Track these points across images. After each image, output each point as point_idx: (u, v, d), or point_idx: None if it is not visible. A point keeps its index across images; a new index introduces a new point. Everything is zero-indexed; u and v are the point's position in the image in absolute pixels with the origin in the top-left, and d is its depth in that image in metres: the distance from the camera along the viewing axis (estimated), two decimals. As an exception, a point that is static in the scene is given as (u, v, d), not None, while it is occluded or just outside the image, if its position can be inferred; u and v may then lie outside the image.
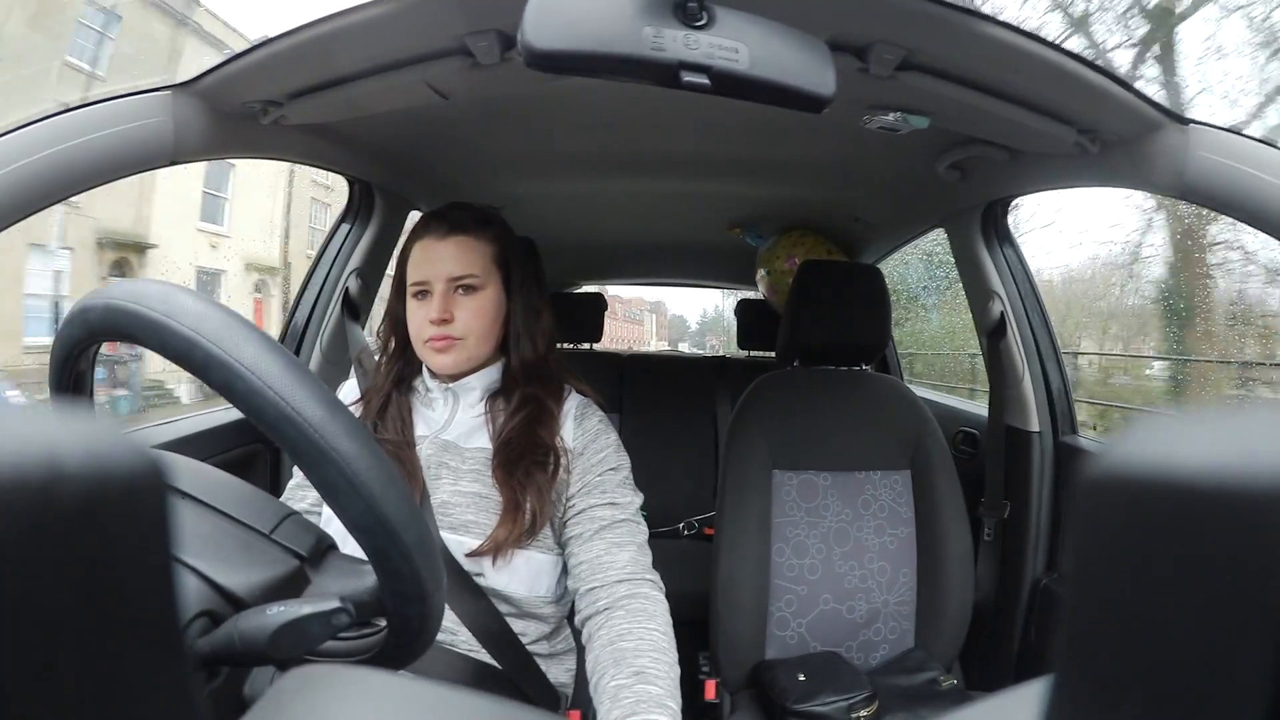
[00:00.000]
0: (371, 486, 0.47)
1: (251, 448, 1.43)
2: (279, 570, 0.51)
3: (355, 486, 0.46)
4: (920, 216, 1.81)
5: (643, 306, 48.36)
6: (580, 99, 1.21)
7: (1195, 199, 0.94)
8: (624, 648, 0.89)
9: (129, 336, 0.47)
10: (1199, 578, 0.13)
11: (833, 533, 1.42)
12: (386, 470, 0.48)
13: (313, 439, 0.46)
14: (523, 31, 0.63)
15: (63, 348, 0.52)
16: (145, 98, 0.89)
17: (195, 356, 0.45)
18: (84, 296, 0.49)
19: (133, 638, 0.17)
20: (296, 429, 0.46)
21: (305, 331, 1.57)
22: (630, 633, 0.91)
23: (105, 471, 0.16)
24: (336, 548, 0.58)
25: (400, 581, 0.50)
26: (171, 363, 0.46)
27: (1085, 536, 0.16)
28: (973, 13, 0.79)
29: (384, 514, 0.47)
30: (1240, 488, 0.13)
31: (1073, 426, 1.56)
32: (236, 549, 0.51)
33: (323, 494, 0.48)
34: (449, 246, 1.03)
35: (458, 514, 0.99)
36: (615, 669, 0.87)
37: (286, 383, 0.46)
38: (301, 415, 0.46)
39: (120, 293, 0.47)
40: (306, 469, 0.47)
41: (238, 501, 0.54)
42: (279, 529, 0.54)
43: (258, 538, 0.53)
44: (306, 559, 0.54)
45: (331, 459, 0.46)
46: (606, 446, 1.06)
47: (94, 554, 0.16)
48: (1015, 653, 1.51)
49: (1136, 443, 0.15)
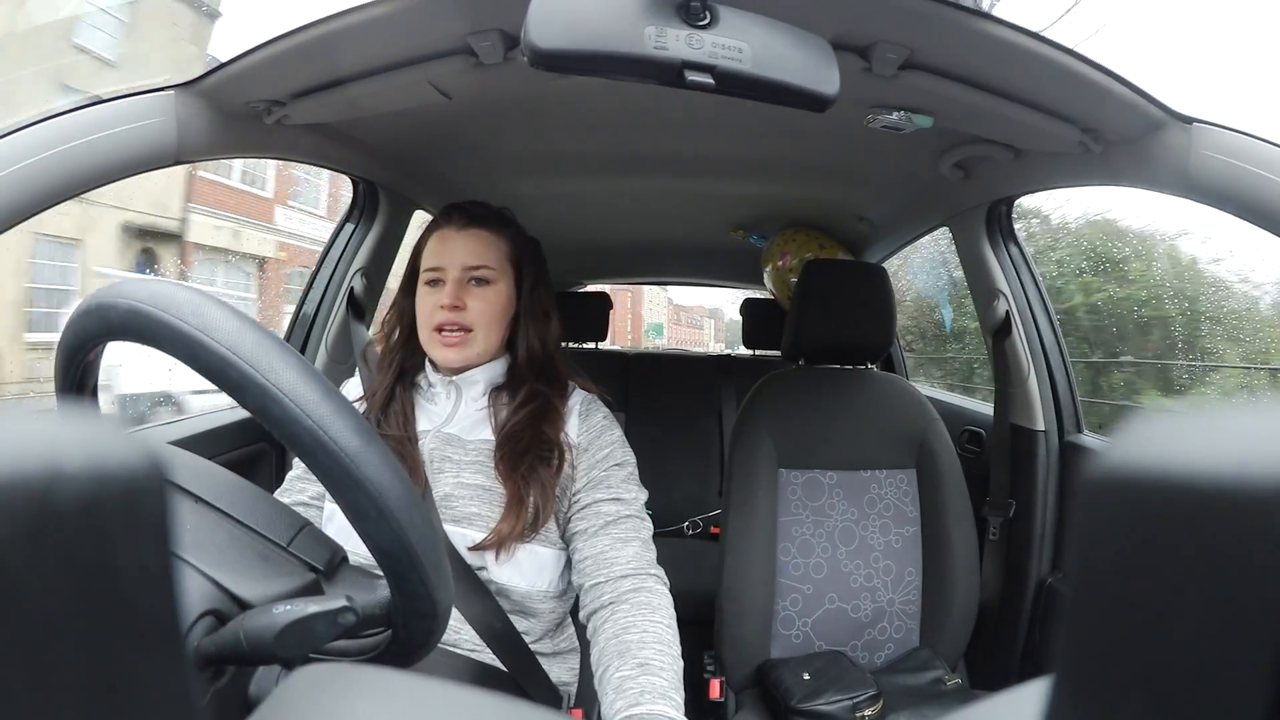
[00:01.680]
0: (400, 515, 0.48)
1: (257, 447, 1.44)
2: (295, 583, 0.52)
3: (384, 514, 0.47)
4: (924, 216, 1.80)
5: (702, 313, 50.37)
6: (583, 99, 1.21)
7: (1199, 198, 0.93)
8: (628, 640, 0.89)
9: (153, 342, 0.47)
10: (1201, 577, 0.13)
11: (838, 532, 1.42)
12: (414, 499, 0.49)
13: (347, 467, 0.46)
14: (526, 31, 0.63)
15: (75, 338, 0.51)
16: (148, 97, 0.90)
17: (230, 376, 0.45)
18: (99, 291, 0.48)
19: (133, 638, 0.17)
20: (331, 457, 0.46)
21: (310, 331, 1.58)
22: (634, 625, 0.91)
23: (105, 471, 0.16)
24: (349, 561, 0.59)
25: (415, 601, 0.51)
26: (199, 374, 0.46)
27: (1087, 535, 0.16)
28: (976, 12, 0.79)
29: (409, 542, 0.48)
30: (1242, 487, 0.13)
31: (1078, 425, 1.56)
32: (253, 560, 0.51)
33: (351, 517, 0.48)
34: (466, 238, 1.04)
35: (461, 506, 0.99)
36: (620, 661, 0.87)
37: (324, 411, 0.46)
38: (338, 444, 0.46)
39: (145, 295, 0.46)
40: (336, 494, 0.48)
41: (255, 511, 0.54)
42: (295, 541, 0.54)
43: (274, 549, 0.53)
44: (322, 572, 0.55)
45: (365, 488, 0.47)
46: (611, 442, 1.06)
47: (94, 554, 0.16)
48: (1020, 652, 1.51)
49: (1138, 442, 0.15)
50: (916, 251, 3.78)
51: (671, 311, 51.16)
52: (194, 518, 0.52)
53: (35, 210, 0.79)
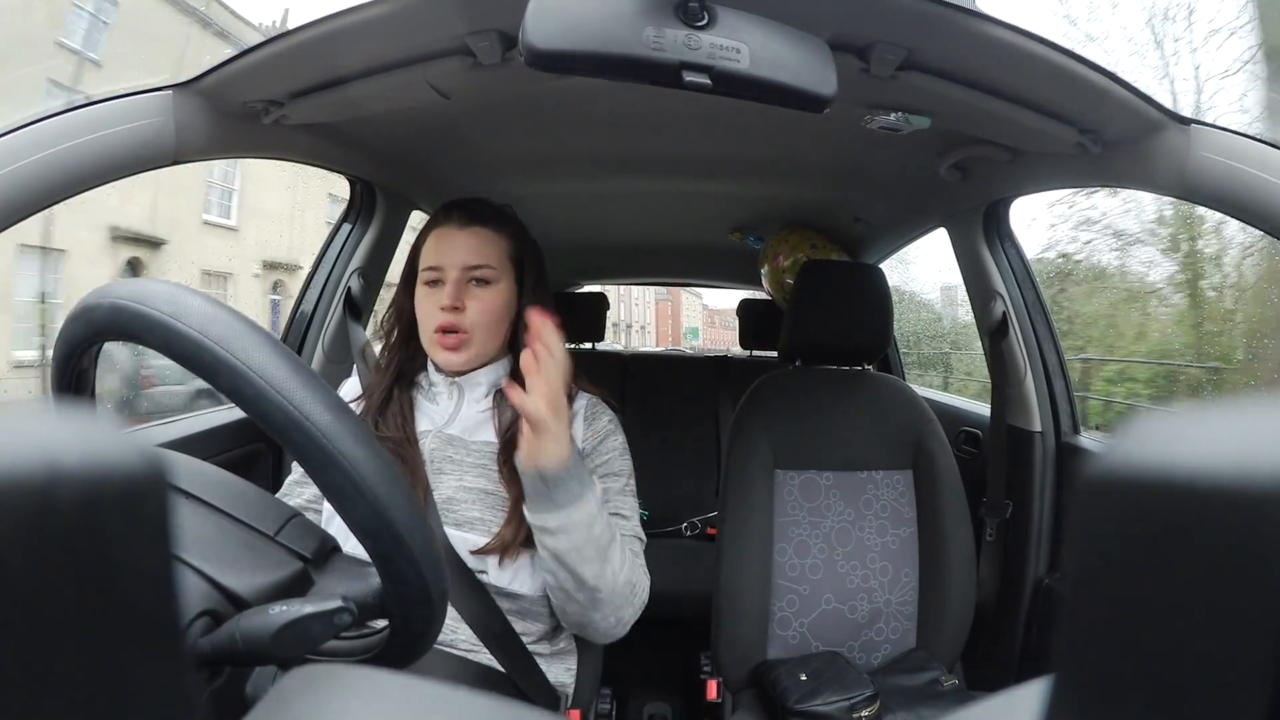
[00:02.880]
0: (377, 491, 0.47)
1: (253, 447, 1.44)
2: (283, 572, 0.51)
3: (361, 491, 0.47)
4: (922, 216, 1.80)
5: (733, 316, 53.42)
6: (581, 99, 1.21)
7: (1197, 199, 0.94)
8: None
9: (133, 336, 0.47)
10: (1199, 577, 0.13)
11: (835, 532, 1.42)
12: (392, 475, 0.48)
13: (320, 444, 0.46)
14: (524, 31, 0.63)
15: (66, 345, 0.52)
16: (146, 97, 0.89)
17: (202, 359, 0.45)
18: (88, 294, 0.49)
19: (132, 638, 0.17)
20: (304, 434, 0.46)
21: (307, 331, 1.58)
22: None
23: (105, 471, 0.16)
24: (340, 550, 0.58)
25: (404, 585, 0.50)
26: (189, 370, 0.46)
27: (1085, 536, 0.16)
28: (974, 13, 0.79)
29: (389, 519, 0.47)
30: (1240, 487, 0.13)
31: (1075, 426, 1.56)
32: (240, 550, 0.51)
33: (329, 497, 0.48)
34: (467, 236, 1.03)
35: (463, 510, 0.98)
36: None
37: (295, 387, 0.46)
38: (310, 420, 0.46)
39: (125, 292, 0.47)
40: (312, 472, 0.47)
41: (242, 503, 0.54)
42: (283, 531, 0.54)
43: (262, 539, 0.53)
44: (311, 560, 0.54)
45: (338, 463, 0.46)
46: (613, 450, 1.06)
47: (94, 554, 0.16)
48: (1017, 653, 1.51)
49: (1136, 442, 0.15)
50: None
51: (706, 315, 56.54)
52: (179, 511, 0.52)
53: (33, 210, 0.79)
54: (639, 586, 0.98)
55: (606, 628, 0.96)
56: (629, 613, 0.97)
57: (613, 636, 0.99)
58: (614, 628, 0.97)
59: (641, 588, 0.98)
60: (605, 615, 0.94)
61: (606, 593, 0.92)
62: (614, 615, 0.95)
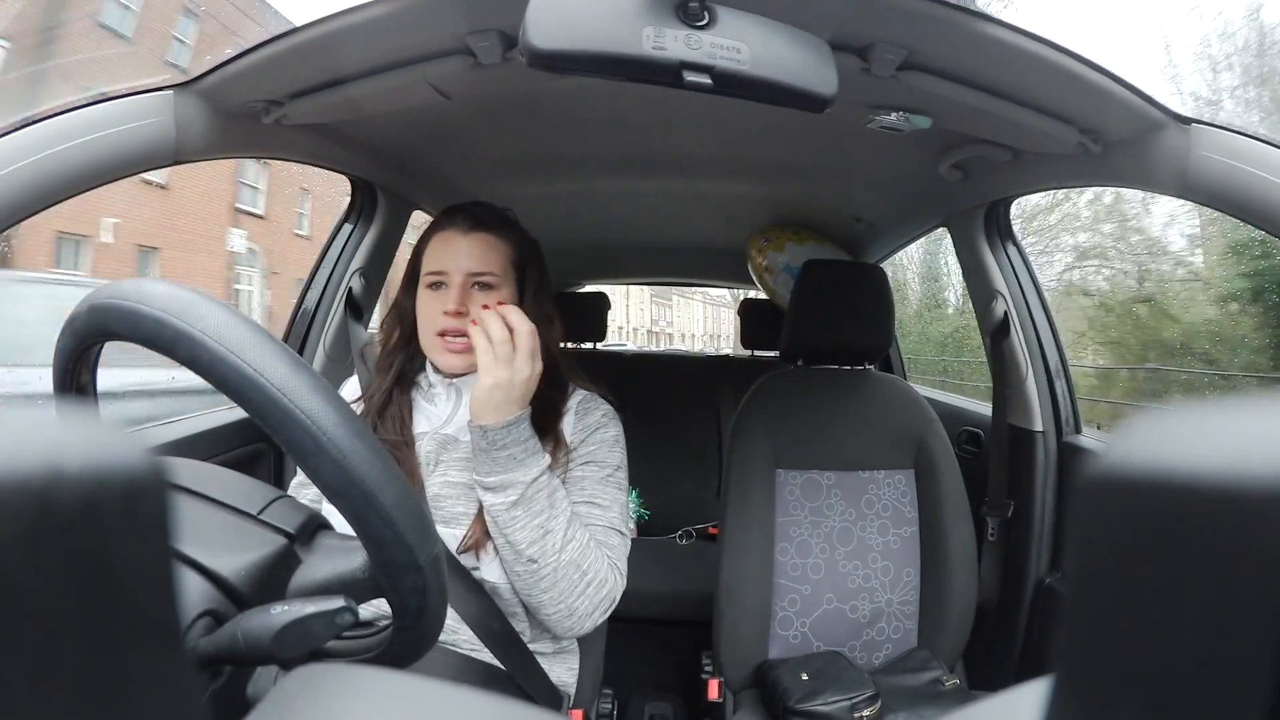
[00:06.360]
0: (340, 443, 0.46)
1: (255, 447, 1.44)
2: (267, 550, 0.51)
3: (322, 445, 0.45)
4: (923, 216, 1.80)
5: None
6: (582, 99, 1.21)
7: (1197, 198, 0.94)
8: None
9: (111, 333, 0.47)
10: (1199, 577, 0.13)
11: (836, 532, 1.42)
12: (356, 427, 0.47)
13: (275, 399, 0.45)
14: (524, 31, 0.63)
15: (61, 359, 0.52)
16: (147, 97, 0.89)
17: (165, 335, 0.45)
18: (85, 297, 0.49)
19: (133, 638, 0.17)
20: (260, 390, 0.45)
21: (309, 331, 1.58)
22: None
23: (105, 472, 0.16)
24: (328, 526, 0.57)
25: (386, 548, 0.48)
26: (151, 350, 0.46)
27: (1086, 535, 0.16)
28: (974, 13, 0.79)
29: (357, 472, 0.46)
30: (1240, 486, 0.13)
31: (1076, 426, 1.56)
32: (223, 531, 0.50)
33: (294, 458, 0.47)
34: (471, 242, 1.02)
35: (449, 506, 0.99)
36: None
37: (248, 345, 0.45)
38: (264, 375, 0.45)
39: (101, 293, 0.47)
40: (274, 432, 0.46)
41: (224, 487, 0.54)
42: (267, 510, 0.53)
43: (245, 519, 0.52)
44: (295, 536, 0.53)
45: (295, 417, 0.45)
46: (602, 441, 1.05)
47: (94, 555, 0.16)
48: (1019, 653, 1.51)
49: (1136, 441, 0.15)
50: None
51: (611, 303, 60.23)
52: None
53: (33, 210, 0.79)
54: (596, 579, 0.95)
55: (558, 616, 0.94)
56: (583, 605, 0.94)
57: (570, 631, 0.96)
58: (565, 619, 0.94)
59: (599, 580, 0.95)
60: (553, 599, 0.92)
61: (547, 570, 0.91)
62: (563, 603, 0.93)
